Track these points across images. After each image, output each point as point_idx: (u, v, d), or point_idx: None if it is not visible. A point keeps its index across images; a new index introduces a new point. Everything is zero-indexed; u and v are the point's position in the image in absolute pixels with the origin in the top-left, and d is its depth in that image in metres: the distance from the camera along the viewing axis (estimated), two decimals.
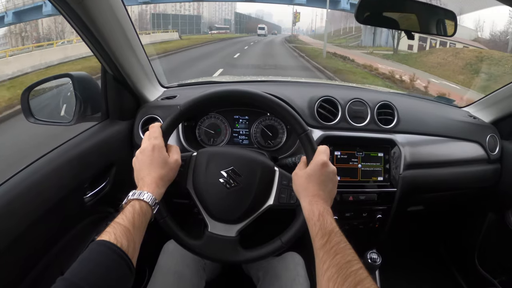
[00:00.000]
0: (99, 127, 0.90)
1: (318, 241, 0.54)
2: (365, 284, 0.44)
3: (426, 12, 0.94)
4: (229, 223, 0.69)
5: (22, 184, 0.66)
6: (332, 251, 0.50)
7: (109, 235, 0.49)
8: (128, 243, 0.49)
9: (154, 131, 0.65)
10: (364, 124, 0.98)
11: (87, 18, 0.69)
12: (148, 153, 0.62)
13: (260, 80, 1.31)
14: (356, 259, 0.49)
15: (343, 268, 0.47)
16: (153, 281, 0.78)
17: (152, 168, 0.62)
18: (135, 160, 0.64)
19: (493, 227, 1.22)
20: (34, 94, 0.91)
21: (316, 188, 0.61)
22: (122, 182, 0.91)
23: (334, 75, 9.77)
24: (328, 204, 0.61)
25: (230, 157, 0.69)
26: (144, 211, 0.56)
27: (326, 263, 0.49)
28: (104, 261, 0.46)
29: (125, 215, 0.53)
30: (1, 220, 0.60)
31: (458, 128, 1.09)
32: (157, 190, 0.60)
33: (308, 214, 0.59)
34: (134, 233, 0.51)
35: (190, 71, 8.86)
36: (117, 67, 0.84)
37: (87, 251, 0.48)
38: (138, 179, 0.63)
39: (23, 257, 0.66)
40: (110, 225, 0.51)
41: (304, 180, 0.62)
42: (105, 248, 0.47)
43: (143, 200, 0.56)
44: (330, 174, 0.62)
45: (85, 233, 0.87)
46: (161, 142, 0.64)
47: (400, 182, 0.95)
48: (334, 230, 0.54)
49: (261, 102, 0.68)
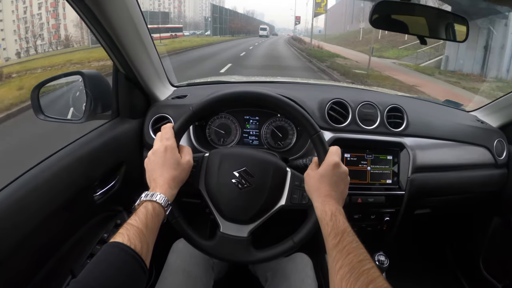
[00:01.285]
0: (109, 125, 0.90)
1: (331, 241, 0.54)
2: (378, 283, 0.45)
3: (437, 16, 0.94)
4: (241, 223, 0.69)
5: (33, 181, 0.66)
6: (344, 250, 0.51)
7: (122, 237, 0.49)
8: (141, 245, 0.49)
9: (166, 132, 0.65)
10: (374, 127, 0.98)
11: (102, 16, 0.69)
12: (160, 154, 0.62)
13: (270, 81, 1.31)
14: (368, 258, 0.50)
15: (355, 267, 0.48)
16: (162, 280, 0.78)
17: (164, 169, 0.62)
18: (147, 161, 0.64)
19: (499, 231, 1.22)
20: (45, 91, 0.91)
21: (328, 189, 0.61)
22: (131, 181, 0.91)
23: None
24: (340, 204, 0.61)
25: (242, 157, 0.70)
26: (156, 212, 0.56)
27: (339, 263, 0.50)
28: (118, 262, 0.46)
29: (138, 217, 0.53)
30: (13, 216, 0.60)
31: (466, 132, 1.10)
32: (169, 191, 0.60)
33: (320, 214, 0.59)
34: (147, 234, 0.51)
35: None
36: (129, 66, 0.84)
37: (100, 252, 0.48)
38: (150, 180, 0.63)
39: (34, 254, 0.66)
40: (123, 226, 0.51)
41: (316, 181, 0.63)
42: (118, 250, 0.47)
43: (155, 201, 0.57)
44: (342, 174, 0.63)
45: (94, 231, 0.87)
46: (173, 143, 0.64)
47: (408, 185, 0.96)
48: (346, 230, 0.55)
49: (273, 103, 0.68)
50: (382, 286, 0.44)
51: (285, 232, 0.71)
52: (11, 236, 0.59)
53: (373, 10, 0.83)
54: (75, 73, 0.91)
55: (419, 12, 0.93)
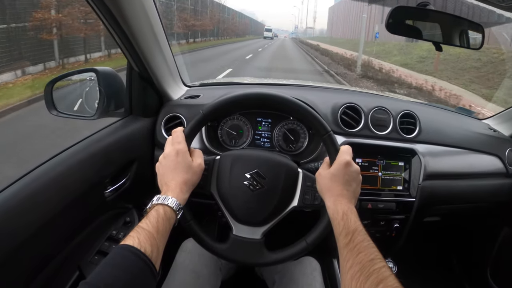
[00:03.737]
0: (122, 123, 0.91)
1: (342, 240, 0.54)
2: (388, 282, 0.44)
3: (452, 22, 0.93)
4: (254, 225, 0.69)
5: (46, 175, 0.67)
6: (355, 249, 0.51)
7: (133, 240, 0.48)
8: (151, 248, 0.49)
9: (177, 136, 0.65)
10: (386, 132, 0.97)
11: (120, 15, 0.70)
12: (171, 158, 0.62)
13: (282, 83, 1.31)
14: (380, 257, 0.49)
15: (366, 266, 0.47)
16: (171, 279, 0.78)
17: (176, 173, 0.62)
18: (159, 166, 0.64)
19: (507, 242, 1.20)
20: (58, 87, 0.92)
21: (340, 188, 0.61)
22: (142, 179, 0.91)
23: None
24: (353, 203, 0.61)
25: (254, 159, 0.70)
26: (168, 216, 0.56)
27: (349, 262, 0.50)
28: (128, 266, 0.46)
29: (149, 220, 0.53)
30: (25, 210, 0.60)
31: (478, 140, 1.09)
32: (181, 195, 0.60)
33: (332, 213, 0.59)
34: (157, 238, 0.51)
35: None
36: (143, 65, 0.85)
37: (110, 255, 0.48)
38: (162, 184, 0.63)
39: (43, 248, 0.66)
40: (134, 229, 0.51)
41: (328, 181, 0.62)
42: (129, 253, 0.47)
43: (167, 205, 0.56)
44: (353, 173, 0.63)
45: (103, 228, 0.87)
46: (184, 146, 0.64)
47: (419, 192, 0.95)
48: (357, 229, 0.55)
49: (283, 104, 0.68)
50: (392, 285, 0.44)
51: (294, 234, 0.71)
52: (22, 229, 0.59)
53: (389, 15, 0.83)
54: (90, 70, 0.91)
55: (434, 18, 0.92)
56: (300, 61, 15.16)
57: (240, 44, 25.77)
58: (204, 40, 21.75)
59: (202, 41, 21.10)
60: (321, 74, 10.46)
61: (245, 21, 51.08)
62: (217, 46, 19.71)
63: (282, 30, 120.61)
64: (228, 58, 12.89)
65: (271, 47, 24.07)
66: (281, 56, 16.92)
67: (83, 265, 0.80)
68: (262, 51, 18.89)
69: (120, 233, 0.88)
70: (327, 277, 0.97)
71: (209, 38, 23.85)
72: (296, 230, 0.73)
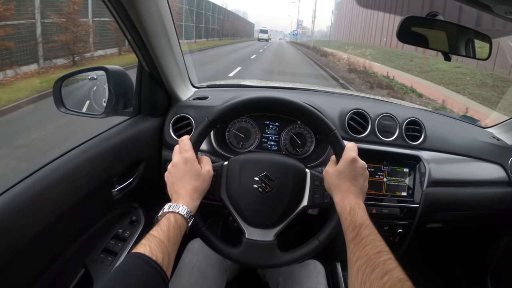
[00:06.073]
0: (131, 122, 0.91)
1: (349, 234, 0.55)
2: (393, 274, 0.45)
3: (458, 32, 0.94)
4: (266, 227, 0.69)
5: (56, 172, 0.67)
6: (362, 243, 0.52)
7: (144, 248, 0.49)
8: (163, 256, 0.49)
9: (184, 144, 0.65)
10: (392, 139, 0.98)
11: (134, 15, 0.70)
12: (180, 166, 0.63)
13: (289, 87, 1.31)
14: (386, 250, 0.50)
15: (372, 258, 0.48)
16: (177, 278, 0.78)
17: (185, 181, 0.62)
18: (168, 175, 0.65)
19: (508, 249, 1.21)
20: (67, 84, 0.91)
21: (348, 184, 0.62)
22: (149, 179, 0.91)
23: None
24: (360, 198, 0.62)
25: (261, 163, 0.70)
26: (179, 223, 0.56)
27: (356, 255, 0.51)
28: (139, 273, 0.46)
29: (160, 228, 0.53)
30: (34, 207, 0.61)
31: (482, 149, 1.10)
32: (191, 202, 0.60)
33: (340, 209, 0.61)
34: (168, 246, 0.51)
35: None
36: (154, 65, 0.85)
37: (122, 262, 0.48)
38: (172, 193, 0.63)
39: (51, 246, 0.66)
40: (145, 237, 0.51)
41: (335, 178, 0.64)
42: (141, 261, 0.47)
43: (178, 213, 0.57)
44: (360, 169, 0.64)
45: (109, 226, 0.87)
46: (192, 154, 0.64)
47: (423, 198, 0.96)
48: (364, 223, 0.56)
49: (287, 105, 0.69)
50: (398, 277, 0.44)
51: (302, 233, 0.71)
52: (31, 227, 0.60)
53: (400, 24, 0.83)
54: (99, 68, 0.91)
55: (441, 26, 0.93)
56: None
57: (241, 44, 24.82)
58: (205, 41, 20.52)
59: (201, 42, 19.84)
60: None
61: (244, 24, 47.83)
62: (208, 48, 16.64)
63: (276, 31, 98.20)
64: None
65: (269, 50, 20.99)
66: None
67: (89, 263, 0.80)
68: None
69: (126, 232, 0.88)
70: (331, 282, 0.98)
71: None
72: (304, 230, 0.73)
